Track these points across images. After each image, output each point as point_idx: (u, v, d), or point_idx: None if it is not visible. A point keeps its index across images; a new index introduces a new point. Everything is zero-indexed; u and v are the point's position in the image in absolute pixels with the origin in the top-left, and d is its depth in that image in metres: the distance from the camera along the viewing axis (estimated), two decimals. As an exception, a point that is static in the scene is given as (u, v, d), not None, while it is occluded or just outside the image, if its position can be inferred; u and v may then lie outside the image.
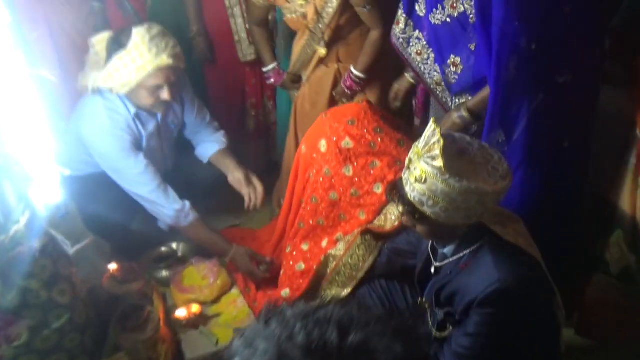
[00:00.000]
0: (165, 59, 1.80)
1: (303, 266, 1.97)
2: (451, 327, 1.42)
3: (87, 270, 1.99)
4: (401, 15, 1.91)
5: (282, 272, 2.04)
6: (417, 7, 1.86)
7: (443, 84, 1.90)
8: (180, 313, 1.91)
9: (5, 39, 1.32)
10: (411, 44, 1.93)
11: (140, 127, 2.02)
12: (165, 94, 1.88)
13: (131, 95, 1.89)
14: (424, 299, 1.53)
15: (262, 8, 2.20)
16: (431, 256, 1.51)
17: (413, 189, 1.29)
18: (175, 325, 1.91)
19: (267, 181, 2.77)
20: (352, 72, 2.19)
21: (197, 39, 2.41)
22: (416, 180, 1.28)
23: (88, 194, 2.06)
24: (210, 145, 2.25)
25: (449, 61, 1.83)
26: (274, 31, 2.42)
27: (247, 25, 2.40)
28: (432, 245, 1.51)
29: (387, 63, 2.22)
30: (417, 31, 1.90)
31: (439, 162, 1.23)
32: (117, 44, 1.81)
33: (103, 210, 2.04)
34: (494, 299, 1.26)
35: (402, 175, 1.36)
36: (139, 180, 1.97)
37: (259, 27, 2.29)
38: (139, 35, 1.77)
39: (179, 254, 2.29)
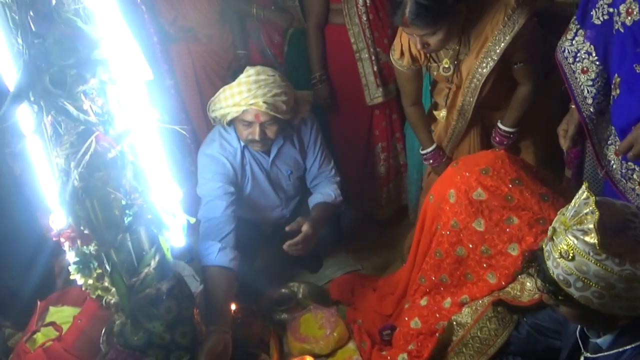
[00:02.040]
0: (259, 103, 1.87)
1: (419, 324, 1.82)
2: None
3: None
4: (573, 22, 1.60)
5: (397, 329, 1.91)
6: (593, 12, 1.51)
7: (606, 115, 1.56)
8: (294, 365, 1.88)
9: (144, 94, 1.42)
10: (577, 59, 1.59)
11: (247, 160, 2.10)
12: (255, 133, 1.94)
13: (235, 127, 2.01)
14: (570, 396, 1.27)
15: (413, 78, 2.03)
16: (580, 343, 1.24)
17: (557, 265, 1.08)
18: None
19: (398, 227, 2.67)
20: (499, 128, 2.00)
21: (318, 86, 2.43)
22: (561, 255, 1.07)
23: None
24: (316, 197, 2.22)
25: (613, 82, 1.49)
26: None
27: (374, 69, 2.34)
28: (582, 330, 1.24)
29: (539, 114, 2.00)
30: (589, 43, 1.56)
31: (593, 238, 1.01)
32: (232, 77, 1.94)
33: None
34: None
35: (544, 246, 1.14)
36: (207, 207, 2.01)
37: (413, 107, 2.13)
38: (246, 74, 1.89)
39: (299, 296, 2.28)
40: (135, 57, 1.40)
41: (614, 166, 1.56)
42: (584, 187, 1.05)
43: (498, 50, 1.75)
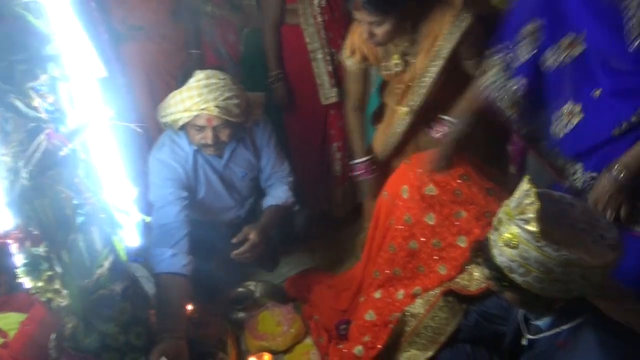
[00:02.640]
0: (210, 108, 1.85)
1: (374, 316, 1.87)
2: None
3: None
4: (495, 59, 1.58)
5: (353, 323, 1.96)
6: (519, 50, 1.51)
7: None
8: (252, 363, 1.89)
9: (97, 92, 1.40)
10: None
11: (200, 164, 2.07)
12: (207, 137, 1.92)
13: (187, 131, 1.98)
14: (515, 376, 1.36)
15: (361, 79, 2.02)
16: (522, 327, 1.34)
17: (501, 253, 1.16)
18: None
19: (353, 225, 2.73)
20: (443, 118, 1.95)
21: (275, 84, 2.45)
22: (505, 244, 1.15)
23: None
24: (268, 199, 2.23)
25: (566, 111, 1.46)
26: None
27: (329, 69, 2.37)
28: (524, 313, 1.33)
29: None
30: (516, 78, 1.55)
31: (533, 227, 1.09)
32: (182, 81, 1.91)
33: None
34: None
35: (490, 235, 1.22)
36: (159, 213, 1.95)
37: (355, 112, 2.10)
38: (195, 79, 1.86)
39: (257, 294, 2.29)
40: (87, 54, 1.38)
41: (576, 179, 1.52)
42: (525, 179, 1.14)
43: (447, 50, 1.79)
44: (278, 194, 2.22)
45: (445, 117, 1.94)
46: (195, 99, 1.85)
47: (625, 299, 1.21)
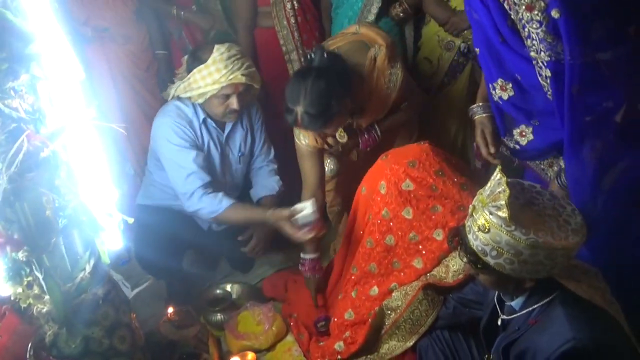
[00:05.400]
0: (239, 77, 2.01)
1: (353, 315, 1.97)
2: (522, 388, 1.37)
3: (145, 314, 2.10)
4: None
5: (332, 321, 2.05)
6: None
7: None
8: (235, 362, 1.96)
9: (78, 94, 1.45)
10: None
11: (205, 133, 2.18)
12: (234, 103, 2.07)
13: (205, 104, 2.10)
14: (491, 356, 1.49)
15: (315, 157, 2.14)
16: (497, 308, 1.48)
17: (476, 238, 1.29)
18: (230, 373, 1.95)
19: (328, 223, 2.81)
20: (374, 128, 2.11)
21: None
22: (479, 229, 1.27)
23: (142, 231, 2.18)
24: (261, 189, 2.34)
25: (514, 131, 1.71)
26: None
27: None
28: (499, 296, 1.47)
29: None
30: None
31: (504, 213, 1.22)
32: (196, 58, 2.04)
33: (154, 248, 2.15)
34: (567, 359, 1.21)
35: (465, 222, 1.35)
36: (187, 182, 2.08)
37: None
38: (218, 52, 2.00)
39: (234, 296, 2.36)
40: (67, 54, 1.42)
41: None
42: (498, 169, 1.27)
43: (388, 105, 2.03)
44: (270, 184, 2.33)
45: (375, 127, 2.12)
46: (223, 71, 1.99)
47: (590, 276, 1.36)
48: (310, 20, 2.49)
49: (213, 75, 2.00)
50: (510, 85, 1.58)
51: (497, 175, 1.26)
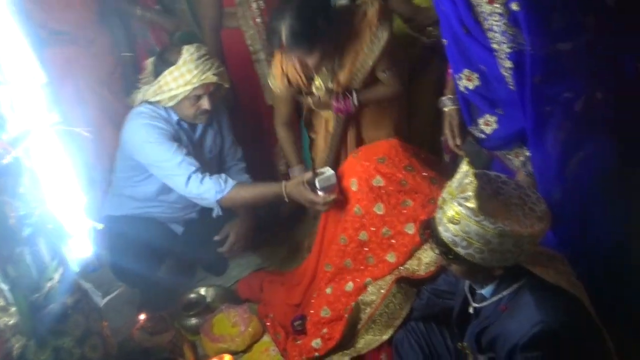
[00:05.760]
0: (210, 77, 2.00)
1: (329, 312, 1.99)
2: (496, 374, 1.41)
3: (117, 322, 2.07)
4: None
5: (308, 319, 2.06)
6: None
7: None
8: (212, 364, 1.95)
9: (40, 99, 1.42)
10: None
11: (181, 133, 2.16)
12: (205, 103, 2.05)
13: (175, 106, 2.08)
14: (464, 344, 1.53)
15: (288, 100, 2.23)
16: (469, 297, 1.52)
17: (446, 229, 1.32)
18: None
19: (300, 223, 2.84)
20: (352, 95, 2.10)
21: None
22: (449, 220, 1.31)
23: (117, 240, 2.15)
24: None
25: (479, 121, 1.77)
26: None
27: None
28: (470, 285, 1.52)
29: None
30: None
31: (472, 203, 1.25)
32: (165, 61, 2.02)
33: (130, 258, 2.12)
34: (537, 342, 1.27)
35: (436, 214, 1.39)
36: (180, 169, 2.04)
37: (285, 126, 2.31)
38: (188, 53, 1.99)
39: (208, 299, 2.34)
40: (27, 57, 1.40)
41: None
42: (464, 161, 1.31)
43: (369, 65, 2.02)
44: (241, 181, 2.30)
45: (354, 95, 2.11)
46: (194, 71, 1.98)
47: (556, 262, 1.42)
48: (276, 20, 2.49)
49: (185, 76, 1.99)
50: (476, 75, 1.63)
51: (464, 167, 1.30)
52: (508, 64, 1.47)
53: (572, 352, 1.29)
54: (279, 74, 2.14)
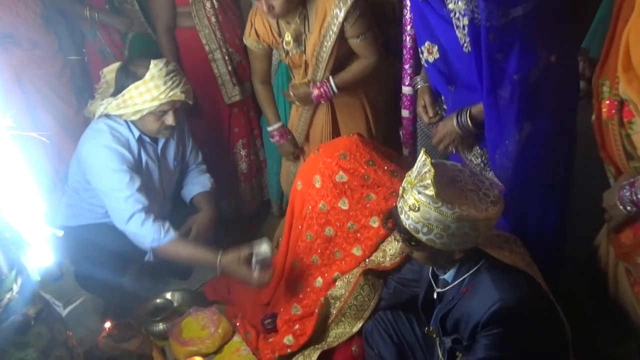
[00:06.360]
0: (178, 94, 2.00)
1: (299, 309, 2.03)
2: (461, 355, 1.49)
3: (81, 331, 2.04)
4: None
5: (279, 318, 2.09)
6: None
7: None
8: (183, 368, 1.95)
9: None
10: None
11: (142, 151, 2.13)
12: (170, 119, 2.05)
13: (138, 121, 2.05)
14: (430, 328, 1.60)
15: (262, 57, 2.30)
16: (433, 282, 1.59)
17: (408, 217, 1.38)
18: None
19: (263, 222, 2.86)
20: (329, 80, 2.17)
21: None
22: (410, 208, 1.37)
23: (78, 249, 2.12)
24: (194, 187, 2.35)
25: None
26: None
27: (229, 68, 2.52)
28: (433, 271, 1.59)
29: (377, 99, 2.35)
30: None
31: (431, 191, 1.32)
32: (130, 74, 1.97)
33: (94, 265, 2.09)
34: (497, 319, 1.35)
35: (397, 204, 1.45)
36: (127, 204, 2.00)
37: (262, 84, 2.39)
38: (157, 68, 1.96)
39: (175, 304, 2.34)
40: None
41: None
42: (422, 152, 1.38)
43: (336, 24, 2.04)
44: (203, 181, 2.35)
45: (331, 81, 2.18)
46: (162, 87, 1.96)
47: (510, 243, 1.51)
48: (231, 19, 2.51)
49: (152, 91, 1.96)
50: (436, 48, 1.70)
51: (422, 157, 1.36)
52: (464, 21, 1.52)
53: (530, 327, 1.38)
54: (249, 27, 2.21)
